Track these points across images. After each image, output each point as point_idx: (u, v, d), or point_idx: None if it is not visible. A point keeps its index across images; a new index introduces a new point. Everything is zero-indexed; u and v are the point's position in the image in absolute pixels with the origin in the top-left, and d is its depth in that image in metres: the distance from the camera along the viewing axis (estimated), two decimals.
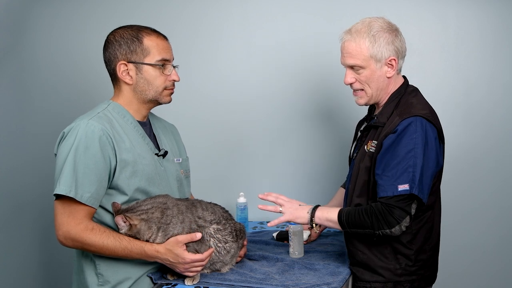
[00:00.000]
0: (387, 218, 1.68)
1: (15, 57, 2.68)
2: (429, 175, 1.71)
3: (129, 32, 1.78)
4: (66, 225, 1.64)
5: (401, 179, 1.67)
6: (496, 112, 2.49)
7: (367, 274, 1.82)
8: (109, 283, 1.73)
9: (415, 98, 1.82)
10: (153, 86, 1.79)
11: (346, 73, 1.84)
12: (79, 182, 1.63)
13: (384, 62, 1.79)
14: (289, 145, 2.68)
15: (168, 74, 1.81)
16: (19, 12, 2.68)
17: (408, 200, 1.69)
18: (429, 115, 1.74)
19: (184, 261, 1.65)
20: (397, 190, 1.67)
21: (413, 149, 1.68)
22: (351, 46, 1.79)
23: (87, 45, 2.73)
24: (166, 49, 1.81)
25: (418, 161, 1.67)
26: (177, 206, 1.73)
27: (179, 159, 1.96)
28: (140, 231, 1.66)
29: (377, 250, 1.80)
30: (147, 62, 1.77)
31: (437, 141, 1.75)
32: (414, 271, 1.79)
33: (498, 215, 2.53)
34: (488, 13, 2.46)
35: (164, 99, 1.84)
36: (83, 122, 1.68)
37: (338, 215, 1.78)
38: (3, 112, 2.58)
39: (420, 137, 1.69)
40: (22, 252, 2.70)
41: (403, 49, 1.83)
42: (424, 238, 1.80)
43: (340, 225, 1.79)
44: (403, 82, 1.87)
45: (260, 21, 2.64)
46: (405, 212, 1.68)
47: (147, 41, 1.77)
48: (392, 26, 1.82)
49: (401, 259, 1.78)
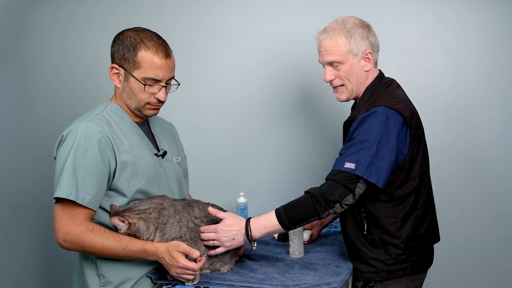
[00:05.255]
0: (328, 197, 1.70)
1: (15, 57, 2.67)
2: (387, 161, 1.72)
3: (131, 38, 1.73)
4: (66, 227, 1.64)
5: (350, 157, 1.73)
6: (496, 112, 2.49)
7: (362, 266, 1.87)
8: (111, 284, 1.72)
9: (385, 91, 1.87)
10: (136, 98, 1.76)
11: (325, 71, 1.90)
12: (80, 185, 1.63)
13: (361, 56, 1.86)
14: (290, 145, 2.68)
15: (155, 92, 1.76)
16: (19, 12, 2.68)
17: (354, 179, 1.71)
18: (394, 104, 1.77)
19: (177, 265, 1.63)
20: (343, 166, 1.72)
21: (368, 133, 1.73)
22: (328, 44, 1.86)
23: (87, 45, 2.73)
24: (160, 69, 1.73)
25: (372, 146, 1.71)
26: (174, 206, 1.74)
27: (178, 159, 1.96)
28: (139, 230, 1.66)
29: (367, 242, 1.84)
30: (135, 75, 1.73)
31: (403, 128, 1.77)
32: (404, 259, 1.83)
33: (497, 215, 2.53)
34: (488, 13, 2.46)
35: (146, 112, 1.81)
36: (82, 125, 1.67)
37: (276, 216, 1.75)
38: (3, 112, 2.58)
39: (378, 123, 1.73)
40: (22, 252, 2.70)
41: (377, 43, 1.91)
42: (413, 226, 1.83)
43: (282, 226, 1.74)
44: (377, 75, 1.92)
45: (260, 21, 2.64)
46: (347, 190, 1.71)
47: (142, 54, 1.71)
48: (364, 22, 1.89)
49: (391, 249, 1.82)
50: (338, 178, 1.73)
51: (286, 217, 1.74)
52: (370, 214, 1.83)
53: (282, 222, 1.74)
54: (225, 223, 1.76)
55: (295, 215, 1.74)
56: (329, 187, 1.73)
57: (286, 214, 1.74)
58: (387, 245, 1.83)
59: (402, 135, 1.77)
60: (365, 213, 1.84)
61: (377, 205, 1.82)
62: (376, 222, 1.83)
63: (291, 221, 1.74)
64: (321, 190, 1.73)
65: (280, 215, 1.75)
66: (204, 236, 1.75)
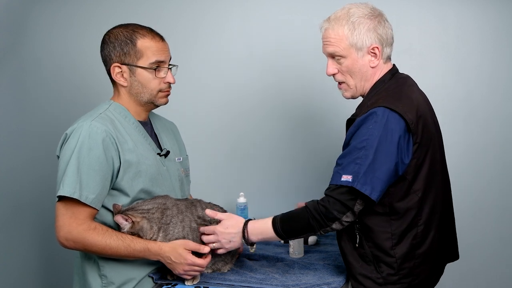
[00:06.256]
0: (325, 215, 1.58)
1: (15, 57, 2.68)
2: (383, 170, 1.55)
3: (123, 33, 1.75)
4: (68, 226, 1.63)
5: (346, 169, 1.57)
6: (496, 112, 2.49)
7: (352, 281, 1.71)
8: (113, 284, 1.72)
9: (393, 87, 1.69)
10: (147, 88, 1.77)
11: (327, 63, 1.74)
12: (83, 184, 1.62)
13: (366, 50, 1.67)
14: (290, 145, 2.67)
15: (163, 76, 1.78)
16: (19, 12, 2.68)
17: (351, 195, 1.57)
18: (397, 105, 1.58)
19: (186, 262, 1.64)
20: (341, 179, 1.57)
21: (366, 140, 1.56)
22: (330, 34, 1.69)
23: (87, 45, 2.73)
24: (161, 51, 1.77)
25: (369, 154, 1.55)
26: (177, 206, 1.74)
27: (180, 158, 1.96)
28: (142, 229, 1.66)
29: (359, 256, 1.68)
30: (140, 65, 1.74)
31: (404, 134, 1.59)
32: (397, 280, 1.64)
33: (498, 216, 2.52)
34: (488, 13, 2.46)
35: (159, 101, 1.82)
36: (86, 123, 1.67)
37: (272, 225, 1.66)
38: (3, 112, 2.58)
39: (378, 128, 1.56)
40: (22, 252, 2.70)
41: (388, 36, 1.70)
42: (410, 245, 1.63)
43: (278, 235, 1.66)
44: (388, 70, 1.73)
45: (260, 21, 2.64)
46: (345, 207, 1.57)
47: (141, 42, 1.74)
48: (375, 11, 1.70)
49: (383, 267, 1.64)
50: (336, 194, 1.58)
51: (281, 229, 1.65)
52: (364, 226, 1.65)
53: (278, 233, 1.66)
54: (223, 225, 1.71)
55: (290, 227, 1.65)
56: (326, 204, 1.59)
57: (282, 226, 1.65)
58: (379, 262, 1.64)
59: (403, 141, 1.58)
60: (359, 224, 1.66)
61: (372, 218, 1.63)
62: (369, 236, 1.65)
63: (286, 232, 1.66)
64: (318, 206, 1.60)
65: (276, 226, 1.65)
66: (205, 238, 1.72)
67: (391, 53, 1.75)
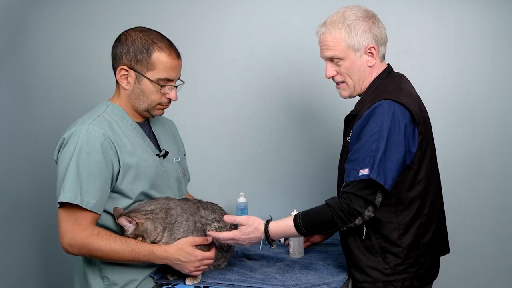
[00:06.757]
0: (348, 212, 1.63)
1: (15, 57, 2.68)
2: (394, 160, 1.61)
3: (142, 40, 1.72)
4: (71, 232, 1.62)
5: (363, 163, 1.61)
6: (496, 112, 2.49)
7: (357, 274, 1.75)
8: (115, 285, 1.72)
9: (392, 83, 1.76)
10: (147, 99, 1.76)
11: (326, 66, 1.80)
12: (84, 189, 1.61)
13: (363, 51, 1.74)
14: (290, 145, 2.67)
15: (167, 92, 1.77)
16: (19, 12, 2.68)
17: (371, 189, 1.62)
18: (401, 98, 1.66)
19: (196, 258, 1.66)
20: (358, 174, 1.61)
21: (377, 132, 1.61)
22: (328, 38, 1.75)
23: (87, 45, 2.73)
24: (174, 69, 1.75)
25: (381, 145, 1.60)
26: (180, 205, 1.75)
27: (178, 158, 1.96)
28: (146, 231, 1.66)
29: (365, 248, 1.72)
30: (149, 76, 1.72)
31: (410, 125, 1.66)
32: (403, 270, 1.70)
33: (498, 216, 2.52)
34: (488, 13, 2.46)
35: (155, 112, 1.81)
36: (83, 127, 1.65)
37: (294, 223, 1.71)
38: (3, 112, 2.58)
39: (386, 120, 1.61)
40: (22, 252, 2.70)
41: (383, 35, 1.78)
42: (415, 234, 1.70)
43: (299, 232, 1.71)
44: (384, 69, 1.81)
45: (260, 21, 2.64)
46: (367, 202, 1.62)
47: (157, 56, 1.71)
48: (369, 13, 1.77)
49: (390, 257, 1.70)
50: (356, 190, 1.62)
51: (304, 227, 1.69)
52: (372, 218, 1.67)
53: (300, 231, 1.70)
54: (243, 232, 1.73)
55: (313, 225, 1.70)
56: (348, 201, 1.63)
57: (304, 224, 1.69)
58: (385, 253, 1.70)
59: (409, 131, 1.65)
60: None
61: (379, 209, 1.67)
62: (377, 228, 1.70)
63: (308, 230, 1.70)
64: (341, 204, 1.64)
65: (298, 225, 1.70)
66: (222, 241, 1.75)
67: (385, 52, 1.82)
